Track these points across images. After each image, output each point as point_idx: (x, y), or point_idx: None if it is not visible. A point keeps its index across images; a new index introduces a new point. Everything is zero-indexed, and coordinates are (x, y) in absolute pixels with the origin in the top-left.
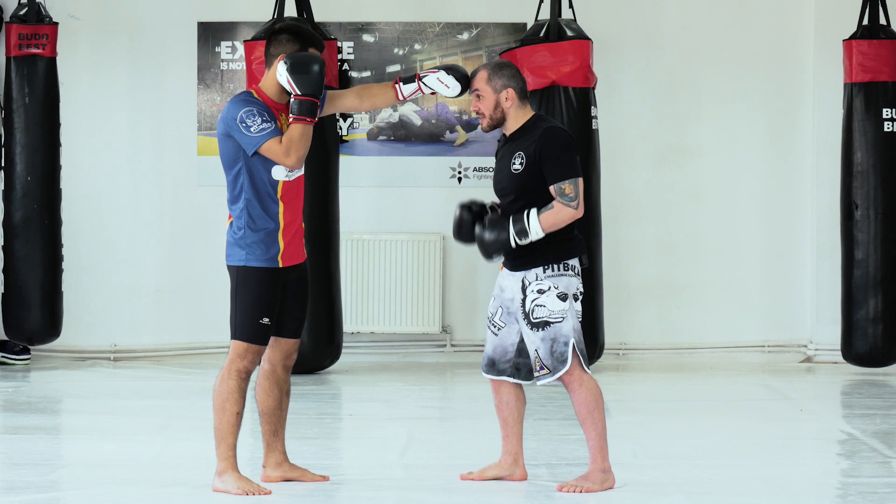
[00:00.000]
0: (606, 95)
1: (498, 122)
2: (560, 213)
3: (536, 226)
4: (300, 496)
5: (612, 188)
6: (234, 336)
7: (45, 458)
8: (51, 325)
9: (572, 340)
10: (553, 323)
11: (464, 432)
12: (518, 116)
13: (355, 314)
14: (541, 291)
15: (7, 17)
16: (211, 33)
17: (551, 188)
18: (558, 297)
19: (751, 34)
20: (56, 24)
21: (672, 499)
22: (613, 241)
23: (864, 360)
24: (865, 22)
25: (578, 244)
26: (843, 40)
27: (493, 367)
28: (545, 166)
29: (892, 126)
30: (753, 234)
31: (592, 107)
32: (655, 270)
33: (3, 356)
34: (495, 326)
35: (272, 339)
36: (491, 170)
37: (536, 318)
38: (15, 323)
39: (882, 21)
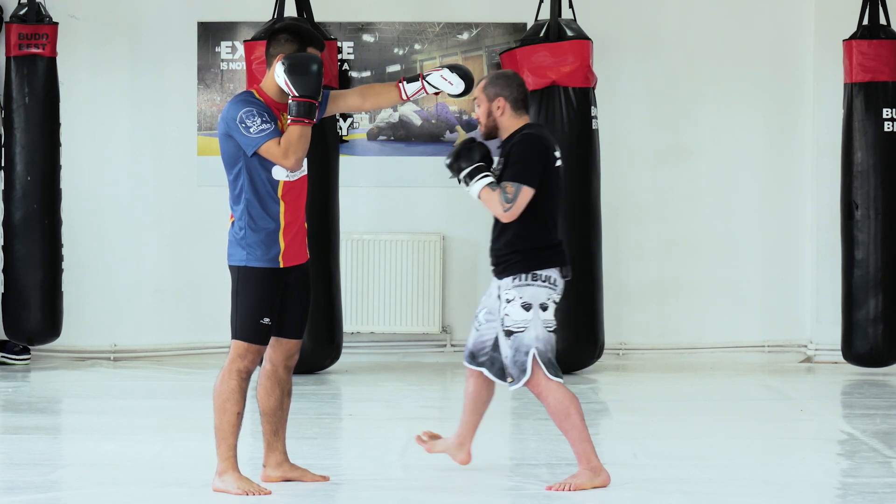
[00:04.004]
0: (606, 95)
1: (491, 130)
2: (493, 200)
3: (477, 189)
4: (300, 496)
5: (612, 188)
6: (235, 336)
7: (45, 458)
8: (51, 325)
9: (533, 350)
10: (515, 332)
11: None
12: (510, 126)
13: (355, 314)
14: (508, 301)
15: (7, 17)
16: (211, 33)
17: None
18: (522, 306)
19: (751, 34)
20: (56, 24)
21: (672, 499)
22: (613, 241)
23: (864, 360)
24: (865, 22)
25: (553, 255)
26: (843, 40)
27: (473, 358)
28: (506, 166)
29: (892, 126)
30: (753, 234)
31: (592, 107)
32: (655, 270)
33: (3, 356)
34: (478, 323)
35: (274, 339)
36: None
37: (505, 327)
38: (15, 323)
39: (882, 21)
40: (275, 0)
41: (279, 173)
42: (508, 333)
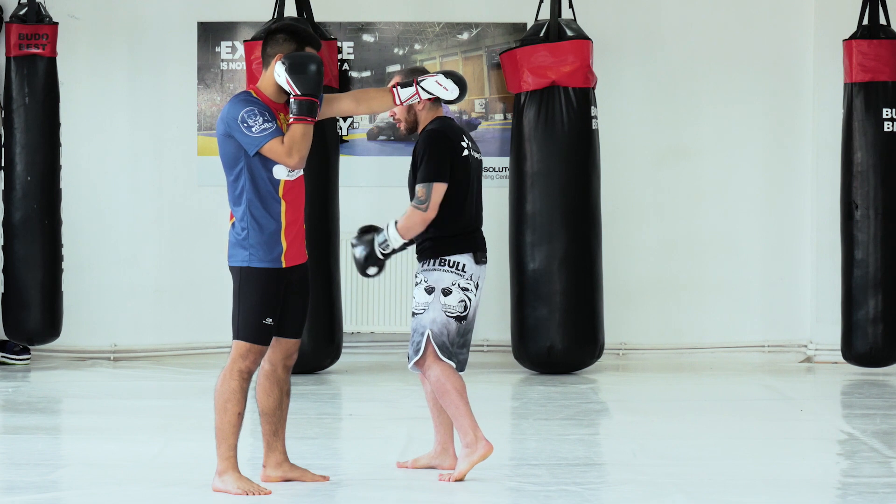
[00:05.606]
0: (606, 95)
1: (412, 125)
2: (410, 216)
3: (394, 233)
4: (300, 496)
5: (612, 188)
6: (237, 336)
7: (45, 458)
8: (51, 325)
9: (428, 332)
10: (416, 314)
11: None
12: (427, 119)
13: (355, 314)
14: (416, 284)
15: (7, 17)
16: (211, 33)
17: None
18: (425, 290)
19: (751, 34)
20: (56, 24)
21: (672, 499)
22: (613, 241)
23: (864, 360)
24: (865, 22)
25: (463, 242)
26: (843, 40)
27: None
28: (417, 166)
29: (892, 126)
30: (753, 235)
31: (592, 107)
32: (655, 270)
33: (3, 356)
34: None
35: (273, 338)
36: (489, 170)
37: (411, 309)
38: (15, 323)
39: (882, 21)
40: (275, 0)
41: (280, 172)
42: (413, 314)
